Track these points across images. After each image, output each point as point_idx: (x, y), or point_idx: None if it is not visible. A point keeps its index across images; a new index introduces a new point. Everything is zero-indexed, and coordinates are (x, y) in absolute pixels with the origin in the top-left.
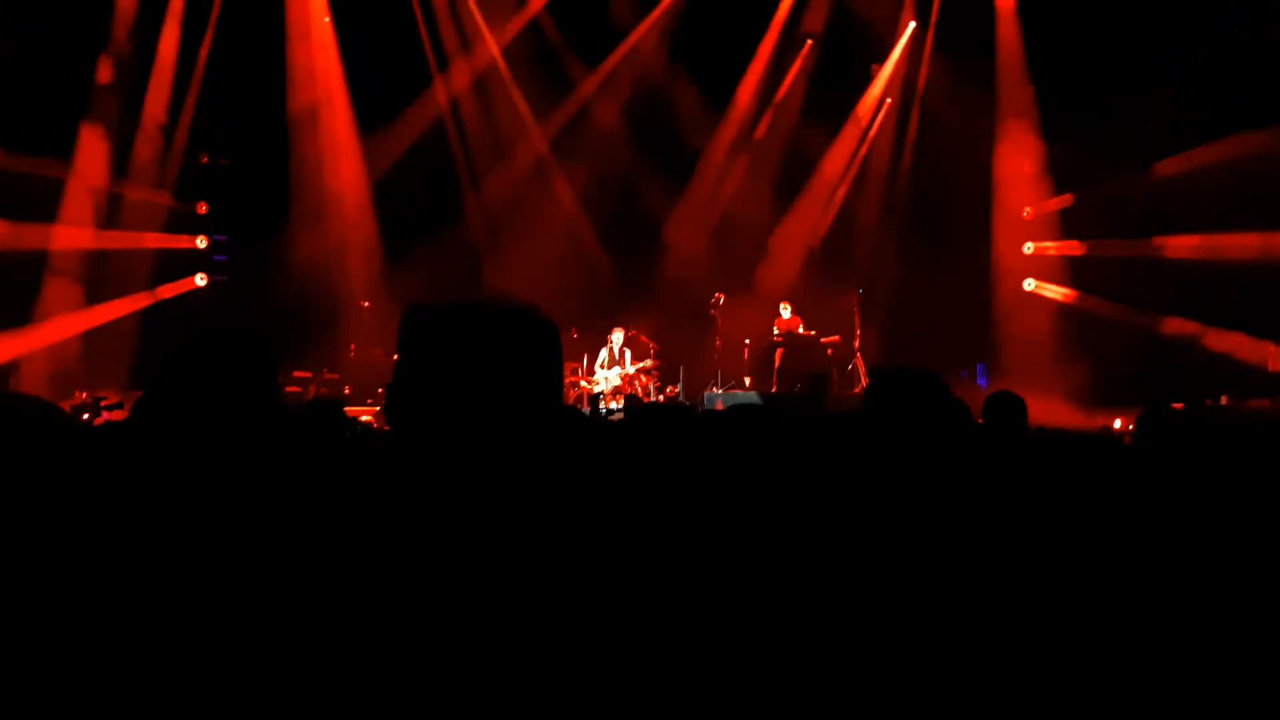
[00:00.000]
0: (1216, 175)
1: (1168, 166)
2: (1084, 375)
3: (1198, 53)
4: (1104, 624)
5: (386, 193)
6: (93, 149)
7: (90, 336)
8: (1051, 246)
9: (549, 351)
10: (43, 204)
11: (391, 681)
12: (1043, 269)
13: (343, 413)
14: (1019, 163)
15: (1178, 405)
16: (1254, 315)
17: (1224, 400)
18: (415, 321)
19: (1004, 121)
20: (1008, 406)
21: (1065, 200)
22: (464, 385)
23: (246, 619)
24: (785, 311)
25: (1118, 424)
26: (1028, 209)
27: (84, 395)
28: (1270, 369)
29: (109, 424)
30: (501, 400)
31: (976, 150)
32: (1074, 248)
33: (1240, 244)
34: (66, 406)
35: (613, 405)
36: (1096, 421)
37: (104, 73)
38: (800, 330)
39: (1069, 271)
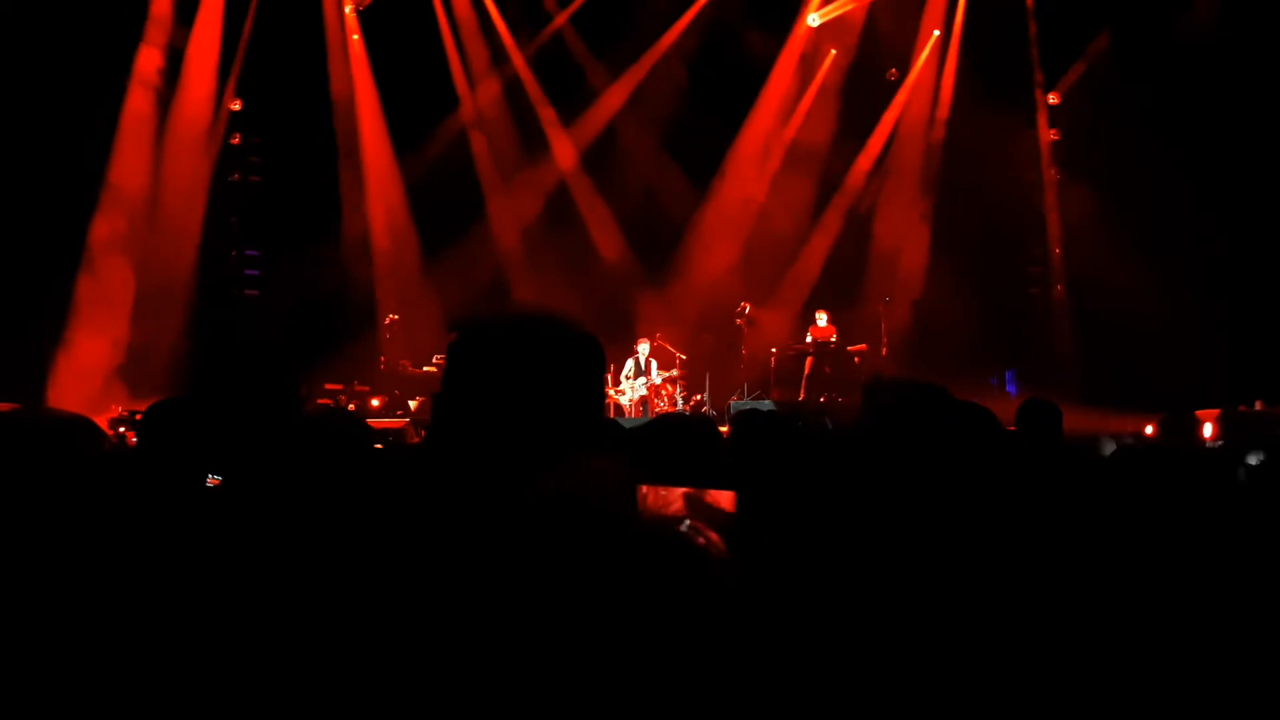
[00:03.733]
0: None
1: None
2: (1115, 379)
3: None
4: (1122, 631)
5: (416, 208)
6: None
7: (132, 348)
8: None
9: (595, 368)
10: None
11: (411, 701)
12: (1074, 274)
13: (356, 424)
14: (1048, 167)
15: (1199, 412)
16: None
17: (1259, 405)
18: (463, 334)
19: (1031, 126)
20: (1042, 414)
21: (1093, 201)
22: (512, 401)
23: (259, 634)
24: (821, 319)
25: (1149, 430)
26: (1055, 214)
27: (120, 409)
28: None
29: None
30: (547, 417)
31: (1004, 156)
32: (1104, 252)
33: None
34: (104, 420)
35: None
36: (1128, 427)
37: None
38: (833, 339)
39: (1101, 275)
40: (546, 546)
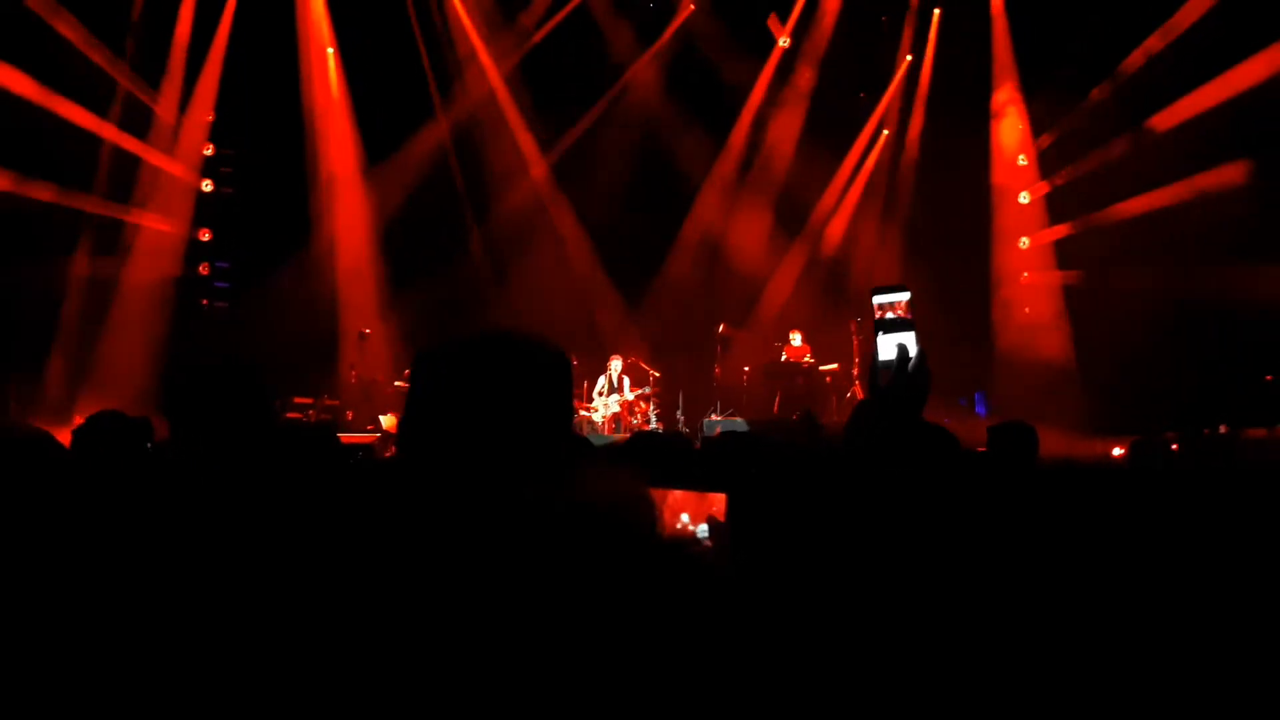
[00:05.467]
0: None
1: (1167, 195)
2: (1082, 403)
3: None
4: (1098, 656)
5: (389, 222)
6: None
7: (100, 361)
8: (1055, 274)
9: (562, 384)
10: (57, 232)
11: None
12: (1040, 298)
13: (334, 438)
14: (1017, 192)
15: (1170, 434)
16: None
17: (1222, 429)
18: (429, 360)
19: (1002, 151)
20: (1016, 437)
21: (1063, 229)
22: (476, 420)
23: (233, 650)
24: (796, 339)
25: (1117, 451)
26: (1025, 239)
27: (80, 421)
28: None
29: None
30: (515, 434)
31: (975, 180)
32: (1071, 277)
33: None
34: (67, 433)
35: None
36: (1096, 449)
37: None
38: (807, 359)
39: (1067, 300)
40: (571, 555)
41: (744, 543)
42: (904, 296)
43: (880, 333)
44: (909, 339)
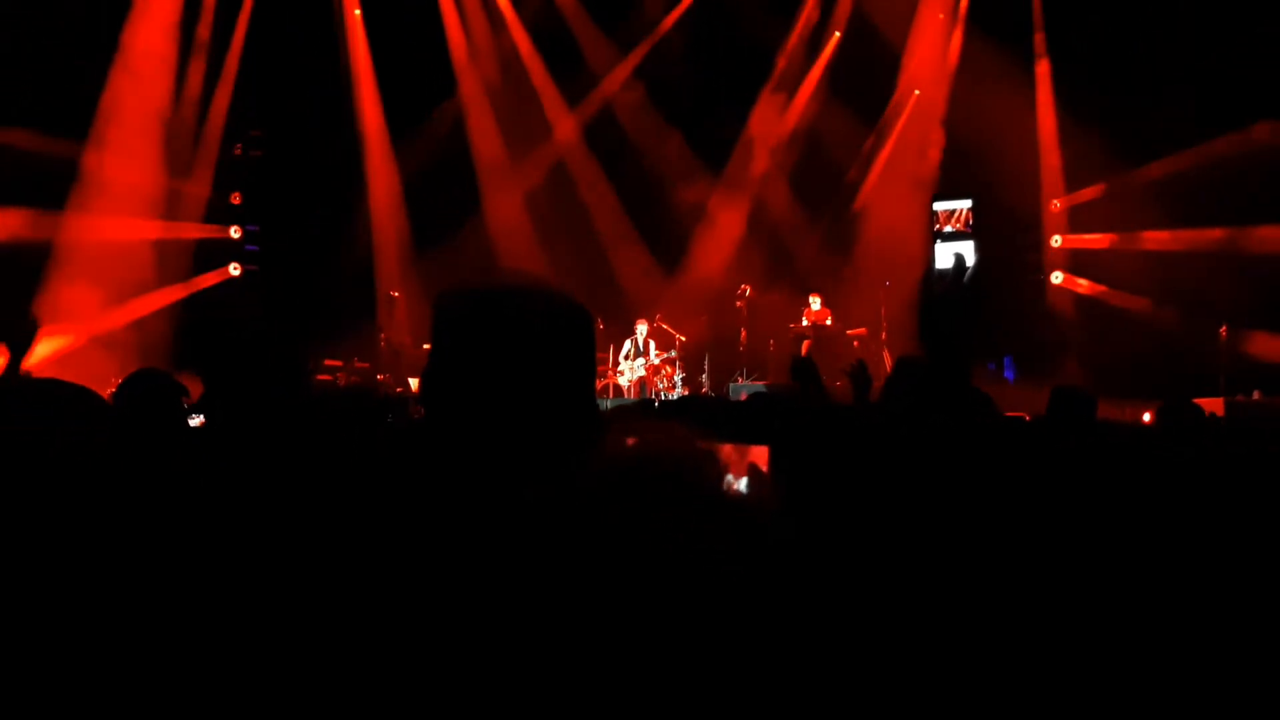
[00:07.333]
0: (1242, 166)
1: (1191, 157)
2: (1112, 368)
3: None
4: (1128, 620)
5: (415, 183)
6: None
7: (127, 326)
8: (1087, 238)
9: (584, 338)
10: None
11: (409, 677)
12: (1072, 261)
13: (378, 401)
14: (1049, 153)
15: (1199, 400)
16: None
17: (1256, 395)
18: (449, 306)
19: (1034, 110)
20: (1078, 402)
21: (1095, 191)
22: (498, 372)
23: (259, 615)
24: (815, 303)
25: (1147, 417)
26: (1056, 201)
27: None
28: None
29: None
30: (536, 387)
31: (1006, 141)
32: (1103, 240)
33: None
34: (105, 394)
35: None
36: (1126, 414)
37: None
38: (828, 323)
39: (1099, 263)
40: (636, 512)
41: (790, 494)
42: (965, 204)
43: (939, 242)
44: (967, 249)
